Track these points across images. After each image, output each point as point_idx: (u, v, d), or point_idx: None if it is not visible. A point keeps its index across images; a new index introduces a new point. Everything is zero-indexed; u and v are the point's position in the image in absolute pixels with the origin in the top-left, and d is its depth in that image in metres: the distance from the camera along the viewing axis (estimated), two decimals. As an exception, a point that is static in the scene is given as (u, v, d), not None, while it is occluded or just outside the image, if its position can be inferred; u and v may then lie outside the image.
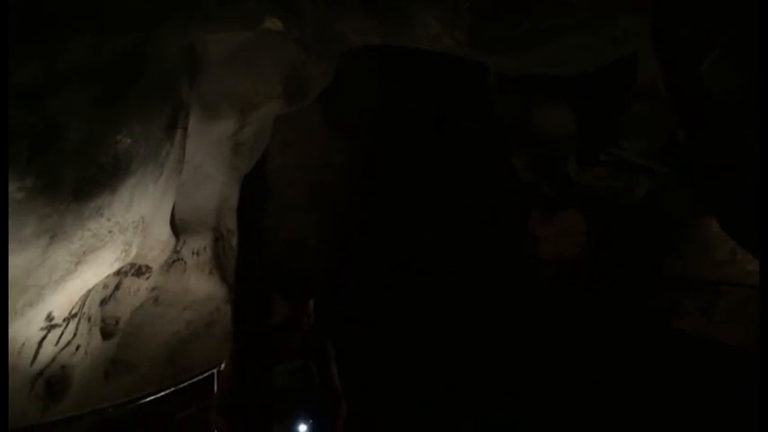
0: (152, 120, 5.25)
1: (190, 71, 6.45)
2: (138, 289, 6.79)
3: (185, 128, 6.34)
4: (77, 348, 5.73)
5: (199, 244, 7.63)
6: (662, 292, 8.84)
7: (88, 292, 5.60)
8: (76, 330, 5.63)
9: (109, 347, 6.60)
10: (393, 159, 13.08)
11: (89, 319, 5.94)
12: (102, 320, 6.40)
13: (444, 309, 9.77)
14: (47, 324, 5.07)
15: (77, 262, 4.87)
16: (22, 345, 4.92)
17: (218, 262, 7.93)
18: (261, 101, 7.82)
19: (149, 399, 5.76)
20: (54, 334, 5.23)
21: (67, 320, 5.37)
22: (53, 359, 5.41)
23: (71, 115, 4.33)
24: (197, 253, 7.58)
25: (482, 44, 6.91)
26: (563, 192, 10.20)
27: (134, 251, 5.70)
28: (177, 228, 7.10)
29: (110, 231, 5.07)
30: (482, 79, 11.09)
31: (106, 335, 6.51)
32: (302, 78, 8.12)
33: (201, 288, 7.72)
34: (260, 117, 8.12)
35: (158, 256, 6.78)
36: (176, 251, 7.23)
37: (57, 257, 4.64)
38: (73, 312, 5.42)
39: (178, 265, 7.37)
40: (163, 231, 6.63)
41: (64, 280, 4.86)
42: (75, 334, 5.61)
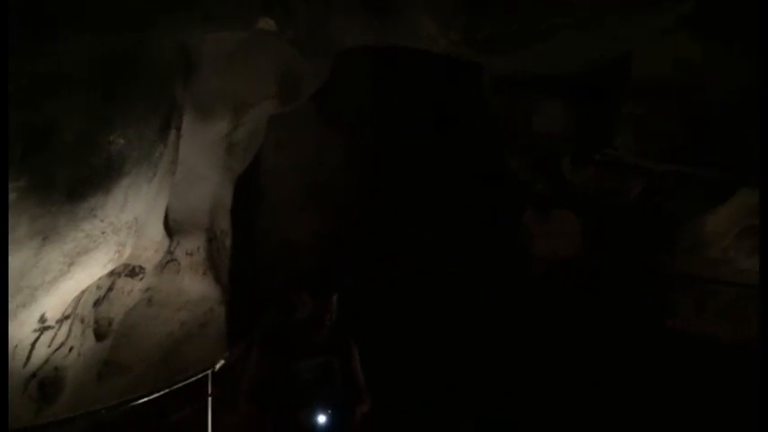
0: (146, 120, 5.22)
1: (184, 71, 6.41)
2: (132, 290, 6.75)
3: (179, 128, 6.31)
4: (70, 350, 5.69)
5: (192, 245, 7.60)
6: (656, 291, 8.87)
7: (81, 294, 5.56)
8: (69, 332, 5.60)
9: (102, 349, 6.56)
10: (387, 159, 13.10)
11: (82, 321, 5.90)
12: (95, 322, 6.36)
13: (442, 308, 9.78)
14: (40, 326, 5.03)
15: (70, 263, 4.84)
16: (15, 347, 4.88)
17: (211, 263, 7.90)
18: (255, 101, 7.80)
19: (143, 400, 5.72)
20: (47, 336, 5.19)
21: (60, 322, 5.33)
22: (46, 361, 5.36)
23: (64, 116, 4.31)
24: (191, 254, 7.55)
25: (477, 44, 6.92)
26: (558, 191, 10.23)
27: (127, 252, 5.66)
28: (171, 228, 7.07)
29: (103, 232, 5.04)
30: (478, 78, 11.10)
31: (99, 336, 6.47)
32: (296, 78, 8.11)
33: (195, 289, 7.69)
34: (254, 117, 8.10)
35: (152, 257, 6.75)
36: (170, 252, 7.19)
37: (50, 258, 4.60)
38: (66, 314, 5.38)
39: (172, 266, 7.34)
40: (156, 232, 6.60)
41: (57, 281, 4.82)
42: (68, 335, 5.57)
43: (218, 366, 6.19)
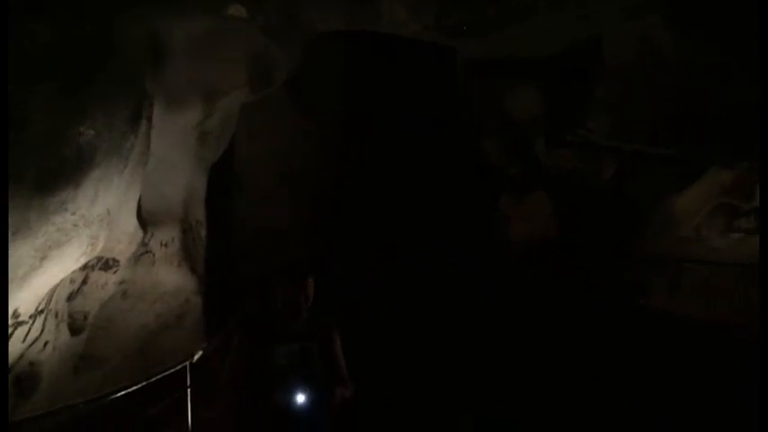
0: (115, 111, 5.15)
1: (153, 60, 6.33)
2: (106, 283, 6.68)
3: (150, 118, 6.23)
4: (45, 344, 5.63)
5: (167, 236, 7.53)
6: (629, 271, 8.99)
7: (54, 288, 5.50)
8: (43, 327, 5.53)
9: (77, 343, 6.50)
10: (362, 144, 13.06)
11: (56, 315, 5.84)
12: (69, 316, 6.30)
13: (424, 295, 9.75)
14: (13, 321, 4.96)
15: (42, 257, 4.77)
16: (-11, 343, 4.82)
17: (186, 253, 7.84)
18: (226, 89, 7.72)
19: (122, 393, 5.69)
20: (21, 331, 5.13)
21: (34, 317, 5.27)
22: (21, 356, 5.31)
23: (32, 107, 4.23)
24: (165, 245, 7.49)
25: (448, 28, 6.94)
26: (532, 173, 10.31)
27: (101, 245, 5.60)
28: (144, 220, 6.99)
29: (75, 225, 4.97)
30: (451, 63, 11.11)
31: (74, 330, 6.40)
32: (268, 65, 8.05)
33: (171, 280, 7.63)
34: (226, 105, 8.03)
35: (126, 250, 6.68)
36: (144, 244, 7.13)
37: (21, 253, 4.53)
38: (39, 308, 5.32)
39: (146, 258, 7.27)
40: (129, 224, 6.53)
41: (29, 276, 4.75)
42: (42, 330, 5.51)
43: (196, 357, 6.17)
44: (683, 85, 7.32)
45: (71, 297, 6.25)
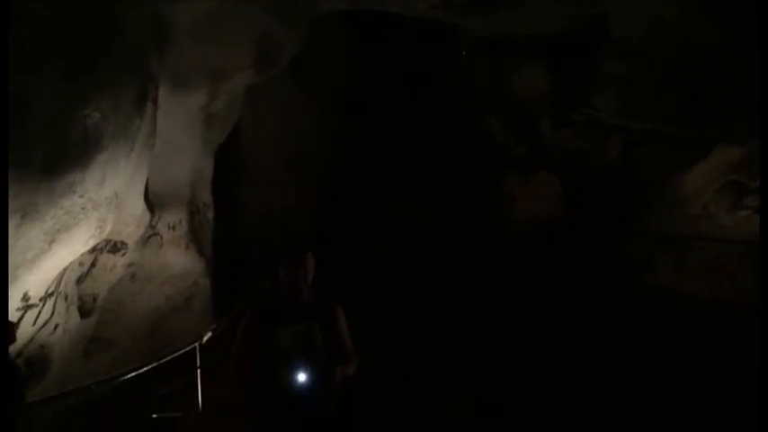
0: (121, 93, 5.14)
1: (158, 42, 6.30)
2: (115, 265, 6.71)
3: (155, 101, 6.22)
4: (55, 327, 5.67)
5: (174, 218, 7.55)
6: (636, 249, 8.96)
7: (64, 271, 5.52)
8: (54, 309, 5.56)
9: (87, 325, 6.55)
10: (367, 125, 13.01)
11: (66, 298, 5.87)
12: (79, 298, 6.33)
13: (427, 278, 9.72)
14: (23, 304, 5.00)
15: (51, 240, 4.79)
16: (-1, 326, 4.85)
17: (194, 235, 7.87)
18: (231, 70, 7.69)
19: (132, 374, 5.74)
20: (31, 314, 5.16)
21: (44, 300, 5.30)
22: (31, 339, 5.35)
23: (38, 91, 4.22)
24: (173, 227, 7.51)
25: (456, 6, 6.86)
26: (538, 153, 10.25)
27: (108, 228, 5.62)
28: (152, 203, 7.01)
29: (83, 208, 4.98)
30: (456, 42, 11.02)
31: (84, 313, 6.45)
32: (272, 46, 8.00)
33: (179, 262, 7.66)
34: (231, 87, 8.00)
35: (134, 232, 6.70)
36: (152, 226, 7.14)
37: (30, 236, 4.55)
38: (49, 291, 5.35)
39: (154, 241, 7.29)
40: (137, 207, 6.54)
41: (38, 259, 4.78)
42: (52, 313, 5.54)
43: (205, 339, 6.21)
44: (690, 61, 7.24)
45: (80, 280, 6.28)
